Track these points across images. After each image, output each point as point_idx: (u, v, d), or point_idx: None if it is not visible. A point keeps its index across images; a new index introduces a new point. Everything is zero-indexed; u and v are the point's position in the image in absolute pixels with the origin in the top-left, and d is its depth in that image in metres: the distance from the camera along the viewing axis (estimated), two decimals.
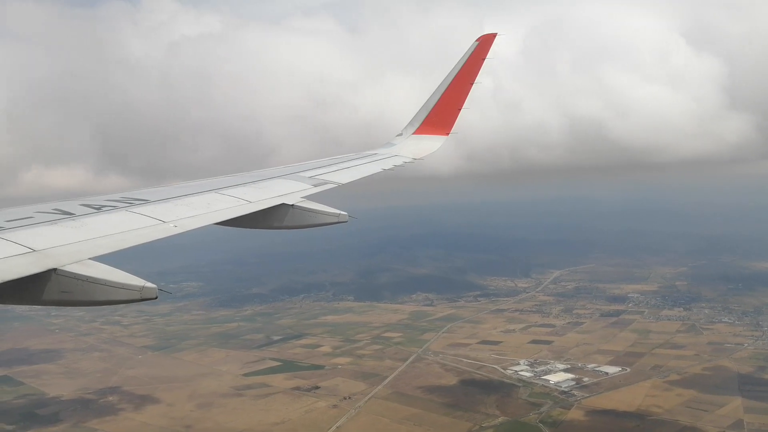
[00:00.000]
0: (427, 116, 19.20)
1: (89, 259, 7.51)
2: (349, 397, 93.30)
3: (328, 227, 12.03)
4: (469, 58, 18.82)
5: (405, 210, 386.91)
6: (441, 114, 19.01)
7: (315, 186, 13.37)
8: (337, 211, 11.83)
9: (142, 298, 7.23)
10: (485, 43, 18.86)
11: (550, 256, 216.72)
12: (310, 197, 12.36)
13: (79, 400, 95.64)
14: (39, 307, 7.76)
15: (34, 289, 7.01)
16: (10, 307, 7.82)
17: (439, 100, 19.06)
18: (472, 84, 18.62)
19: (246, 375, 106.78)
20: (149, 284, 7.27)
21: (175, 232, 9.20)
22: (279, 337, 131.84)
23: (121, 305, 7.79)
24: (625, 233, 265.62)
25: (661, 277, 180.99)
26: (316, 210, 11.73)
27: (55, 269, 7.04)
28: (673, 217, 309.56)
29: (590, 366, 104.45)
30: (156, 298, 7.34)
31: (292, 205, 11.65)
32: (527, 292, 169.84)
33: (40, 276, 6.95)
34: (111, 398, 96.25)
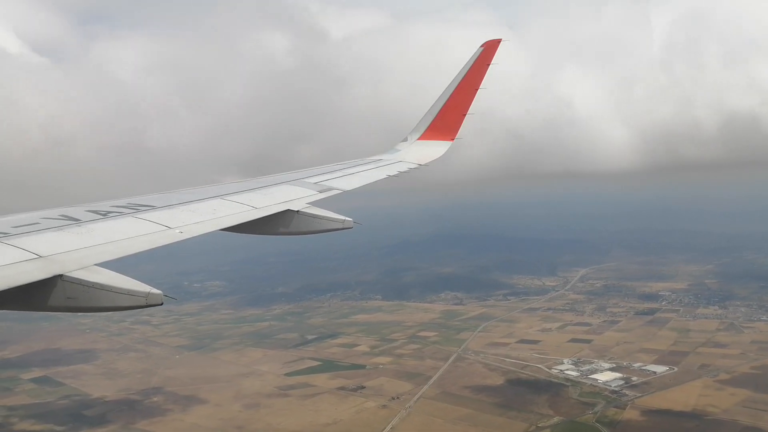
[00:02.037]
0: (432, 122, 19.06)
1: (95, 265, 7.54)
2: (398, 398, 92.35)
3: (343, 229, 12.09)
4: (473, 63, 18.61)
5: (411, 209, 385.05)
6: (446, 120, 18.85)
7: (320, 192, 13.39)
8: (342, 217, 11.88)
9: (148, 304, 7.24)
10: (490, 48, 18.67)
11: (572, 254, 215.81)
12: (315, 203, 12.42)
13: (125, 401, 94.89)
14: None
15: (40, 295, 7.04)
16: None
17: (444, 105, 18.89)
18: (476, 90, 18.46)
19: (288, 375, 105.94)
20: (155, 290, 7.28)
21: (181, 238, 9.22)
22: (313, 337, 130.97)
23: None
24: (643, 232, 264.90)
25: (689, 275, 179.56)
26: (321, 216, 11.83)
27: (61, 275, 7.08)
28: (690, 215, 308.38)
29: (636, 365, 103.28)
30: (161, 304, 7.33)
31: (298, 211, 11.71)
32: (556, 291, 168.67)
33: (47, 282, 6.99)
34: (156, 399, 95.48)
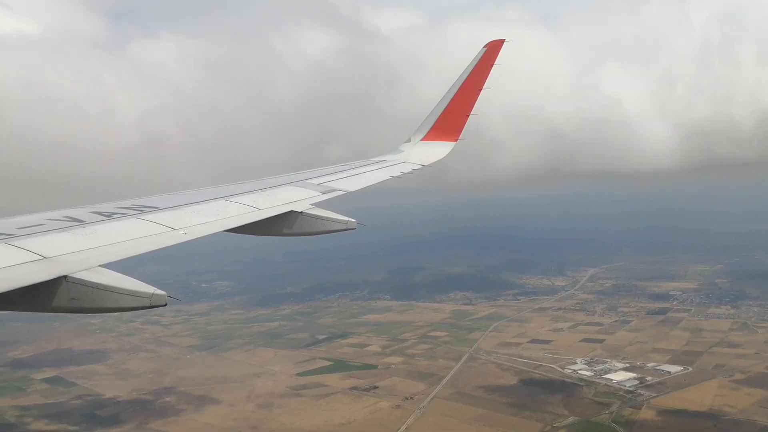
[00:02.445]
0: (435, 122, 19.03)
1: (99, 266, 7.56)
2: (411, 398, 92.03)
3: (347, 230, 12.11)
4: (477, 64, 18.55)
5: (417, 209, 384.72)
6: (449, 120, 18.80)
7: (324, 193, 13.41)
8: (346, 218, 11.89)
9: (152, 305, 7.27)
10: (493, 49, 18.63)
11: (581, 254, 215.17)
12: (318, 204, 12.44)
13: (138, 401, 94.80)
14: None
15: (45, 295, 7.04)
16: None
17: (447, 106, 18.84)
18: (480, 90, 18.41)
19: (300, 375, 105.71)
20: (159, 291, 7.31)
21: (185, 239, 9.22)
22: (324, 337, 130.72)
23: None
24: (650, 231, 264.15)
25: (699, 274, 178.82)
26: (324, 217, 11.83)
27: (65, 276, 7.09)
28: (697, 214, 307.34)
29: (650, 365, 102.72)
30: (165, 305, 7.38)
31: (301, 212, 11.73)
32: (566, 290, 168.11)
33: (51, 283, 7.00)
34: (169, 399, 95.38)
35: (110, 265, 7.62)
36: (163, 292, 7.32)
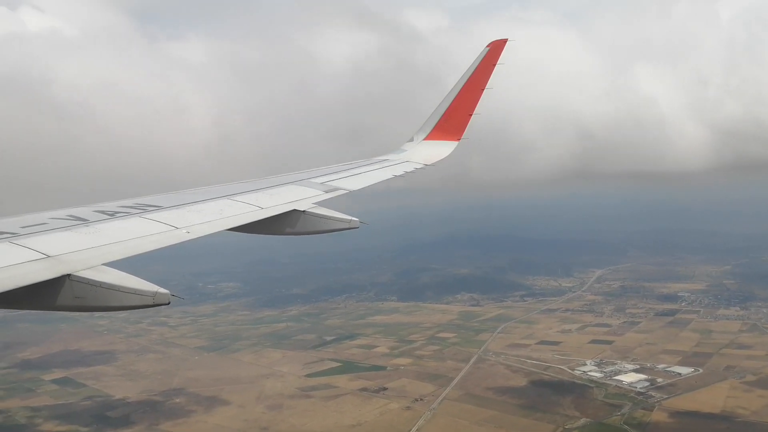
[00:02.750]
0: (438, 122, 19.02)
1: (103, 264, 7.58)
2: (421, 399, 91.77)
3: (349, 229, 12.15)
4: (480, 63, 18.54)
5: (422, 211, 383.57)
6: (452, 120, 18.80)
7: (326, 192, 13.39)
8: (348, 217, 11.87)
9: (155, 303, 7.28)
10: (496, 48, 18.63)
11: (587, 255, 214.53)
12: (321, 203, 12.43)
13: (147, 402, 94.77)
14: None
15: (49, 294, 7.09)
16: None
17: (450, 105, 18.84)
18: (483, 90, 18.39)
19: (309, 376, 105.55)
20: (162, 290, 7.33)
21: (188, 238, 9.22)
22: (332, 338, 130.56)
23: (132, 309, 7.67)
24: (657, 232, 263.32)
25: (707, 275, 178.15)
26: (327, 216, 11.82)
27: (69, 275, 7.12)
28: (703, 215, 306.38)
29: (660, 366, 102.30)
30: (168, 303, 7.39)
31: (304, 211, 11.72)
32: (573, 292, 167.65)
33: (55, 282, 7.03)
34: (178, 400, 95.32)
35: (114, 264, 7.66)
36: (166, 291, 7.34)
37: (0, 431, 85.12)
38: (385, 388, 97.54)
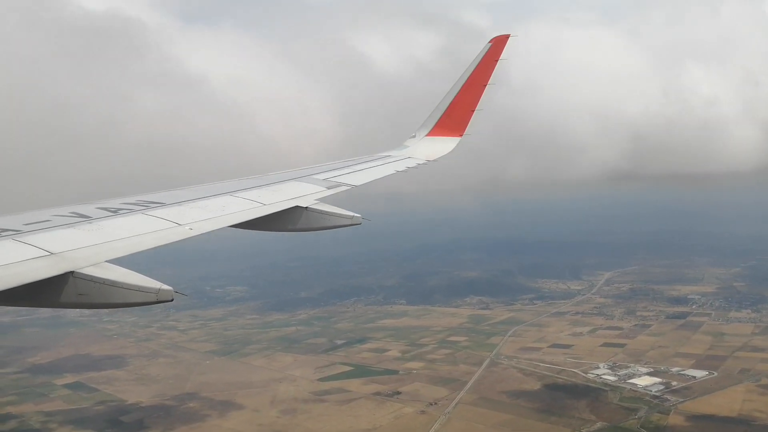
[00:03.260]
0: (440, 118, 19.10)
1: (106, 261, 7.62)
2: (435, 403, 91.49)
3: (353, 232, 12.02)
4: (482, 59, 18.56)
5: (423, 215, 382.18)
6: (454, 116, 18.89)
7: (329, 188, 13.39)
8: (351, 213, 11.85)
9: (159, 300, 7.30)
10: (498, 44, 18.63)
11: (595, 257, 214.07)
12: (323, 199, 12.43)
13: (160, 407, 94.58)
14: (88, 311, 7.96)
15: (52, 291, 7.12)
16: (61, 312, 7.60)
17: (452, 101, 18.90)
18: (485, 86, 18.46)
19: (321, 380, 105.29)
20: (165, 287, 7.35)
21: (191, 235, 9.30)
22: (342, 342, 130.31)
23: (137, 307, 7.81)
24: (665, 234, 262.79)
25: (716, 278, 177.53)
26: (329, 212, 11.77)
27: (72, 272, 7.15)
28: (711, 217, 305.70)
29: (674, 369, 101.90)
30: (172, 300, 7.38)
31: (306, 207, 11.71)
32: (582, 295, 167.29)
33: (58, 279, 7.07)
34: (192, 405, 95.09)
35: (117, 261, 7.69)
36: (169, 288, 7.32)
37: None
38: (398, 392, 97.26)
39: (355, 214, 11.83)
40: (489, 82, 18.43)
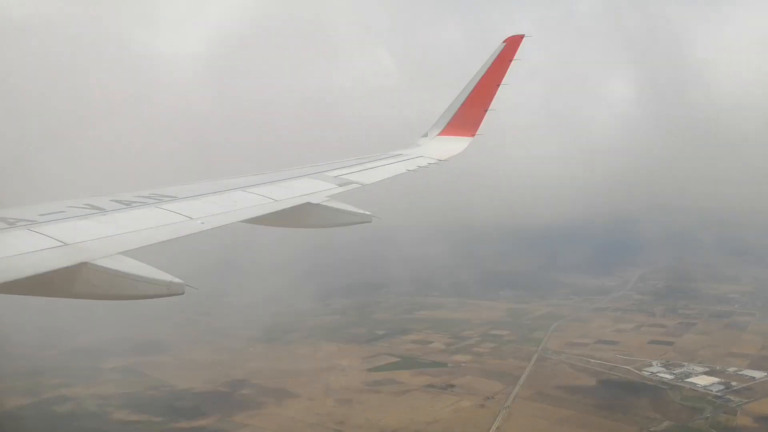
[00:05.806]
0: (452, 117, 18.99)
1: (119, 253, 7.59)
2: (492, 397, 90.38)
3: (364, 226, 11.96)
4: (496, 59, 18.40)
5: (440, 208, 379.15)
6: (467, 115, 18.77)
7: (340, 186, 13.38)
8: (362, 211, 11.81)
9: (170, 293, 7.34)
10: (512, 44, 18.40)
11: (625, 254, 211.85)
12: (335, 197, 12.38)
13: (213, 393, 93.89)
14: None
15: (65, 281, 7.09)
16: None
17: (465, 101, 18.77)
18: (498, 85, 18.34)
19: (370, 370, 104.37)
20: (176, 279, 7.33)
21: (202, 229, 9.35)
22: (383, 332, 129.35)
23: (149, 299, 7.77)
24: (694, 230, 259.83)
25: (753, 277, 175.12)
26: (341, 209, 11.75)
27: (85, 263, 7.14)
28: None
29: (731, 369, 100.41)
30: (183, 293, 7.37)
31: (318, 204, 11.72)
32: (618, 291, 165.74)
33: (71, 269, 7.05)
34: (245, 392, 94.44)
35: (130, 253, 7.67)
36: (180, 281, 7.31)
37: (75, 418, 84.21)
38: (452, 385, 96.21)
39: (366, 212, 11.78)
40: (502, 83, 18.25)
